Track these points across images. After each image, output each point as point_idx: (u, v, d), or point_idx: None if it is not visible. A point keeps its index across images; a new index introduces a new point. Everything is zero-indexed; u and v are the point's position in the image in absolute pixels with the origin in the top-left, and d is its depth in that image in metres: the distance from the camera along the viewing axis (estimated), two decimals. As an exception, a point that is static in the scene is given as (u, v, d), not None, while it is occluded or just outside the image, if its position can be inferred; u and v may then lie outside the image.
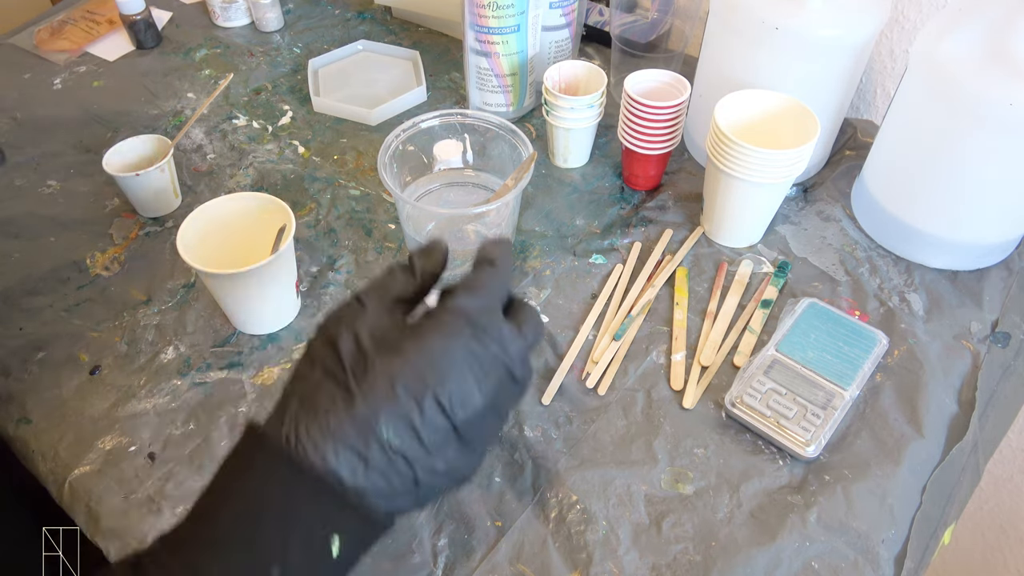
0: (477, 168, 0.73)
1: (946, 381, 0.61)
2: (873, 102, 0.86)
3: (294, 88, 0.93)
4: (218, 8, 1.01)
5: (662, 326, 0.65)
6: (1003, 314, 0.66)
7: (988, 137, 0.59)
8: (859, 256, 0.71)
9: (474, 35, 0.79)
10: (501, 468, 0.56)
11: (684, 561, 0.51)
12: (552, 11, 0.83)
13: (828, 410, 0.57)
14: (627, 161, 0.77)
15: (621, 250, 0.72)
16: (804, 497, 0.54)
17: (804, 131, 0.64)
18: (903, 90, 0.65)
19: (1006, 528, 1.06)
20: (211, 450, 0.57)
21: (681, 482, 0.55)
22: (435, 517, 0.54)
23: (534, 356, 0.63)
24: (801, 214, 0.75)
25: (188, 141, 0.85)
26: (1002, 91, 0.56)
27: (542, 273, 0.70)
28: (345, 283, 0.69)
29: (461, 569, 0.51)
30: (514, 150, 0.68)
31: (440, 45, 1.00)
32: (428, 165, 0.72)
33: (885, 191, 0.70)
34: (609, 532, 0.53)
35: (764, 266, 0.70)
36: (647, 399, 0.60)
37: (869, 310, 0.66)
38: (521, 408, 0.59)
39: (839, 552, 0.51)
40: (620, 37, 0.86)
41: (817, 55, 0.67)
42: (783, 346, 0.61)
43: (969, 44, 0.59)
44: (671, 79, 0.73)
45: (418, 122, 0.68)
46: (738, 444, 0.57)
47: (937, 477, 0.55)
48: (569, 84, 0.80)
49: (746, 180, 0.64)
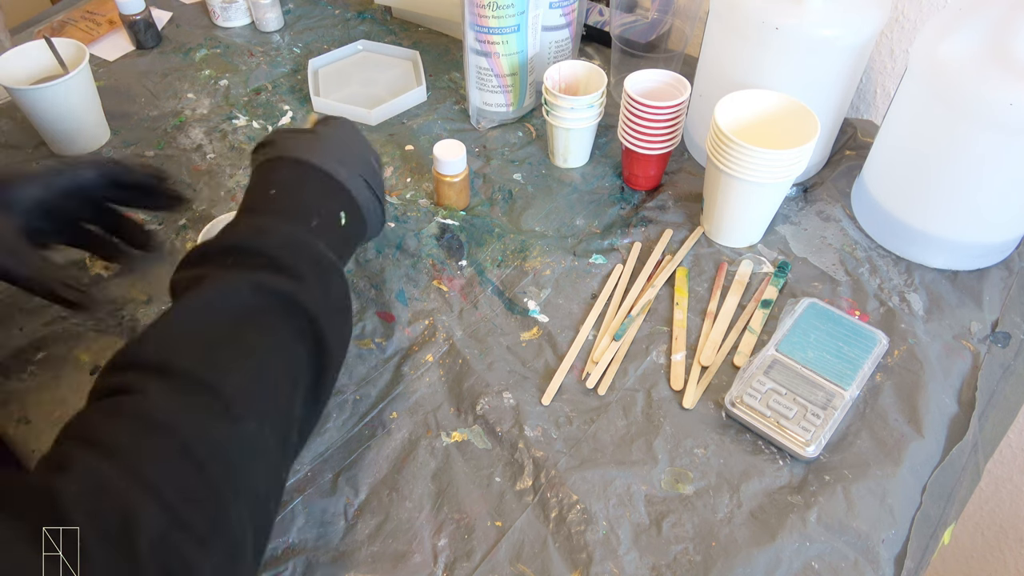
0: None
1: (946, 381, 0.61)
2: (873, 102, 0.86)
3: (294, 88, 0.93)
4: (218, 8, 1.01)
5: (662, 326, 0.65)
6: (1003, 314, 0.66)
7: (988, 137, 0.59)
8: (859, 256, 0.71)
9: (474, 35, 0.79)
10: (501, 468, 0.56)
11: (684, 561, 0.51)
12: (552, 11, 0.83)
13: (828, 410, 0.57)
14: (627, 161, 0.77)
15: (621, 250, 0.72)
16: (804, 497, 0.54)
17: (804, 131, 0.64)
18: (903, 90, 0.65)
19: (1006, 528, 1.06)
20: (211, 450, 0.57)
21: (681, 482, 0.55)
22: (435, 517, 0.54)
23: (534, 357, 0.63)
24: (801, 214, 0.75)
25: (188, 141, 0.85)
26: (1002, 91, 0.56)
27: (542, 273, 0.70)
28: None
29: (461, 569, 0.51)
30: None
31: (440, 45, 1.00)
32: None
33: (885, 191, 0.70)
34: (609, 532, 0.53)
35: (764, 266, 0.70)
36: (647, 399, 0.60)
37: (869, 310, 0.66)
38: (521, 408, 0.59)
39: (839, 552, 0.51)
40: (620, 37, 0.86)
41: (817, 55, 0.67)
42: (783, 346, 0.61)
43: (969, 44, 0.59)
44: (671, 79, 0.73)
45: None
46: (738, 444, 0.57)
47: (937, 477, 0.55)
48: (569, 84, 0.80)
49: (746, 180, 0.64)
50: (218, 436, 0.40)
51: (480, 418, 0.59)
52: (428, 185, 0.79)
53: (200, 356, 0.42)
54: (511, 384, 0.61)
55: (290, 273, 0.47)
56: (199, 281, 0.46)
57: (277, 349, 0.45)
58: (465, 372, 0.62)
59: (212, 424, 0.40)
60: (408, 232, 0.74)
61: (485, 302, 0.68)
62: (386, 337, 0.65)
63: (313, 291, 0.48)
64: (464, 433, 0.58)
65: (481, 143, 0.85)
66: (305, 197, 0.54)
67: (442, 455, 0.57)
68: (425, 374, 0.62)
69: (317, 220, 0.53)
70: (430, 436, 0.58)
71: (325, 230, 0.54)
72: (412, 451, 0.57)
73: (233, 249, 0.49)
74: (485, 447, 0.58)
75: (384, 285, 0.69)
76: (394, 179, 0.80)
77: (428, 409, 0.60)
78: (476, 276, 0.70)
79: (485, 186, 0.79)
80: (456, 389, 0.61)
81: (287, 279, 0.47)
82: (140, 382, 0.40)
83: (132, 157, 0.83)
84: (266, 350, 0.44)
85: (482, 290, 0.69)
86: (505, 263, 0.71)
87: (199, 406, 0.40)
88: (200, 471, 0.38)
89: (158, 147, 0.84)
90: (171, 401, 0.40)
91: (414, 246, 0.72)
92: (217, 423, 0.40)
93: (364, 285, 0.69)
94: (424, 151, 0.83)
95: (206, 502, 0.37)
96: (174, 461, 0.37)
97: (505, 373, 0.62)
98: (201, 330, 0.44)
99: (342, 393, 0.61)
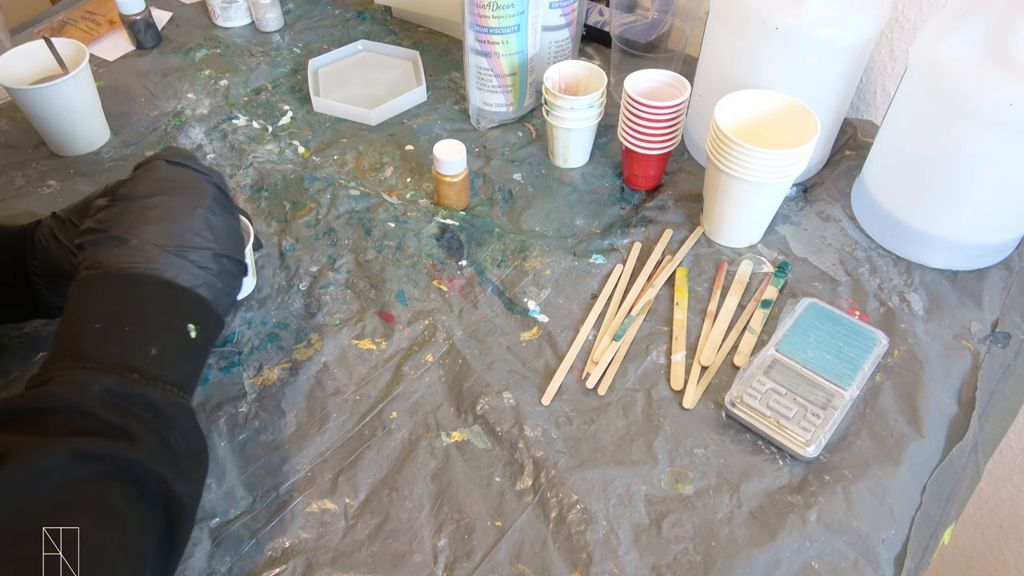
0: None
1: (946, 381, 0.61)
2: (873, 102, 0.86)
3: (294, 88, 0.93)
4: (218, 8, 1.01)
5: (662, 326, 0.65)
6: (1003, 314, 0.66)
7: (988, 137, 0.59)
8: (859, 256, 0.71)
9: (474, 35, 0.79)
10: (501, 468, 0.56)
11: (684, 561, 0.51)
12: (552, 11, 0.83)
13: (828, 410, 0.57)
14: (627, 161, 0.77)
15: (621, 250, 0.72)
16: (804, 497, 0.54)
17: (804, 131, 0.64)
18: (903, 90, 0.65)
19: (1006, 528, 1.06)
20: (212, 451, 0.57)
21: (681, 482, 0.55)
22: (435, 517, 0.54)
23: (534, 357, 0.63)
24: (801, 214, 0.75)
25: (188, 141, 0.85)
26: (1002, 91, 0.56)
27: (542, 273, 0.70)
28: (345, 282, 0.69)
29: (461, 569, 0.51)
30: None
31: (440, 45, 1.00)
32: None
33: (885, 191, 0.70)
34: (609, 532, 0.53)
35: (764, 266, 0.70)
36: (647, 399, 0.60)
37: (869, 310, 0.66)
38: (521, 408, 0.59)
39: (839, 552, 0.51)
40: (620, 37, 0.86)
41: (817, 55, 0.67)
42: (783, 346, 0.61)
43: (969, 44, 0.59)
44: (671, 79, 0.73)
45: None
46: (738, 444, 0.57)
47: (937, 477, 0.55)
48: (569, 84, 0.80)
49: (746, 180, 0.64)
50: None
51: (480, 418, 0.59)
52: (428, 185, 0.79)
53: (21, 555, 0.36)
54: (511, 384, 0.61)
55: (117, 433, 0.42)
56: (5, 458, 0.38)
57: (112, 523, 0.39)
58: (465, 372, 0.62)
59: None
60: (408, 232, 0.74)
61: (485, 302, 0.68)
62: (386, 337, 0.65)
63: (148, 445, 0.42)
64: (464, 433, 0.58)
65: (481, 143, 0.85)
66: (138, 327, 0.47)
67: (442, 455, 0.57)
68: (425, 374, 0.62)
69: (156, 349, 0.46)
70: (430, 436, 0.58)
71: (169, 356, 0.47)
72: (412, 451, 0.57)
73: (47, 411, 0.42)
74: (485, 447, 0.58)
75: (384, 285, 0.69)
76: (394, 179, 0.80)
77: (428, 409, 0.60)
78: (476, 276, 0.70)
79: (485, 186, 0.79)
80: (456, 389, 0.61)
81: (114, 440, 0.41)
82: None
83: (133, 158, 0.83)
84: (95, 528, 0.38)
85: (482, 290, 0.69)
86: (505, 263, 0.71)
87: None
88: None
89: (158, 147, 0.84)
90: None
91: (414, 246, 0.72)
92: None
93: (364, 285, 0.69)
94: (424, 151, 0.83)
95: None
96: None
97: (505, 373, 0.62)
98: (11, 525, 0.37)
99: (342, 393, 0.61)
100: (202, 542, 0.52)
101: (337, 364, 0.63)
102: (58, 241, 0.56)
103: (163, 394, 0.45)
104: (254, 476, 0.56)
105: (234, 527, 0.53)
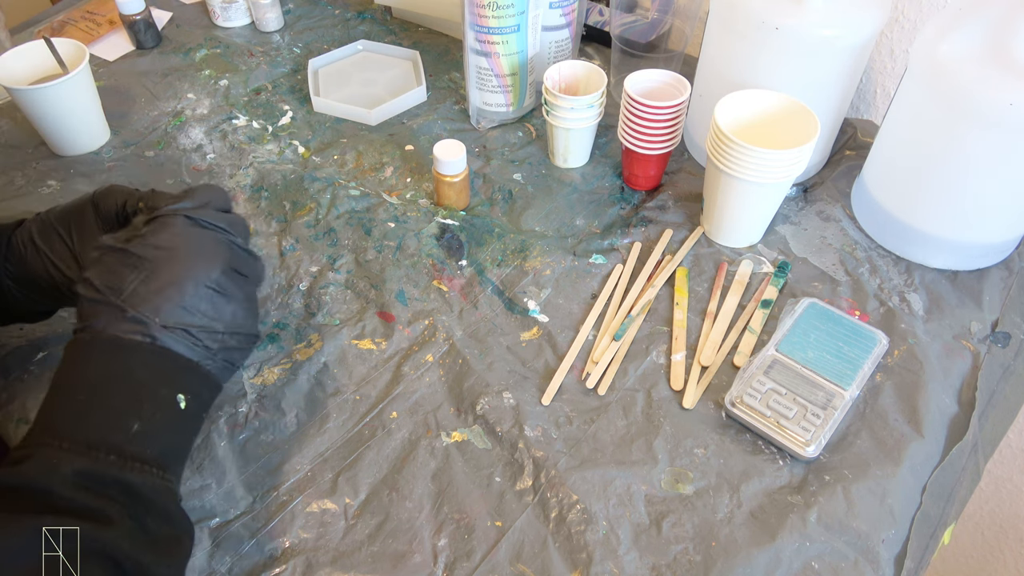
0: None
1: (946, 381, 0.61)
2: (873, 102, 0.86)
3: (294, 88, 0.93)
4: (218, 8, 1.01)
5: (662, 326, 0.65)
6: (1003, 314, 0.66)
7: (988, 137, 0.59)
8: (859, 256, 0.71)
9: (474, 35, 0.79)
10: (501, 468, 0.56)
11: (684, 561, 0.51)
12: (552, 11, 0.83)
13: (828, 410, 0.57)
14: (627, 161, 0.77)
15: (621, 250, 0.72)
16: (804, 497, 0.54)
17: (804, 131, 0.64)
18: (903, 90, 0.65)
19: (1006, 528, 1.06)
20: (211, 451, 0.57)
21: (681, 482, 0.55)
22: (435, 517, 0.54)
23: (534, 357, 0.63)
24: (801, 214, 0.75)
25: (188, 141, 0.85)
26: (1002, 91, 0.56)
27: (542, 273, 0.70)
28: (345, 283, 0.69)
29: (461, 569, 0.51)
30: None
31: (440, 45, 1.00)
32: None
33: (885, 191, 0.70)
34: (609, 532, 0.53)
35: (764, 266, 0.70)
36: (647, 399, 0.60)
37: (869, 310, 0.66)
38: (521, 408, 0.59)
39: (839, 552, 0.51)
40: (620, 37, 0.86)
41: (817, 55, 0.67)
42: (783, 346, 0.61)
43: (969, 44, 0.59)
44: (671, 79, 0.73)
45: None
46: (738, 444, 0.57)
47: (937, 477, 0.55)
48: (569, 84, 0.80)
49: (746, 180, 0.64)
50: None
51: (480, 418, 0.59)
52: (428, 185, 0.79)
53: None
54: (511, 384, 0.61)
55: (89, 515, 0.40)
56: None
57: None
58: (465, 372, 0.62)
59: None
60: (408, 232, 0.74)
61: (485, 302, 0.68)
62: (386, 337, 0.65)
63: (124, 528, 0.41)
64: (464, 433, 0.58)
65: (481, 143, 0.85)
66: (122, 400, 0.45)
67: (442, 455, 0.57)
68: (425, 374, 0.62)
69: (139, 424, 0.45)
70: (430, 436, 0.58)
71: (152, 431, 0.45)
72: (412, 451, 0.57)
73: (18, 491, 0.41)
74: (485, 447, 0.58)
75: (384, 285, 0.69)
76: (394, 179, 0.80)
77: (428, 409, 0.60)
78: (476, 276, 0.70)
79: (485, 186, 0.79)
80: (456, 389, 0.61)
81: (86, 521, 0.40)
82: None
83: (132, 158, 0.83)
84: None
85: (482, 290, 0.69)
86: (505, 263, 0.71)
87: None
88: None
89: (158, 147, 0.84)
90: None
91: (414, 246, 0.72)
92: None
93: (364, 285, 0.69)
94: (424, 151, 0.83)
95: None
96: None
97: (505, 373, 0.62)
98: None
99: (342, 393, 0.61)
100: (202, 542, 0.52)
101: (337, 364, 0.63)
102: (36, 248, 0.53)
103: (141, 476, 0.43)
104: (254, 476, 0.56)
105: (234, 527, 0.53)
